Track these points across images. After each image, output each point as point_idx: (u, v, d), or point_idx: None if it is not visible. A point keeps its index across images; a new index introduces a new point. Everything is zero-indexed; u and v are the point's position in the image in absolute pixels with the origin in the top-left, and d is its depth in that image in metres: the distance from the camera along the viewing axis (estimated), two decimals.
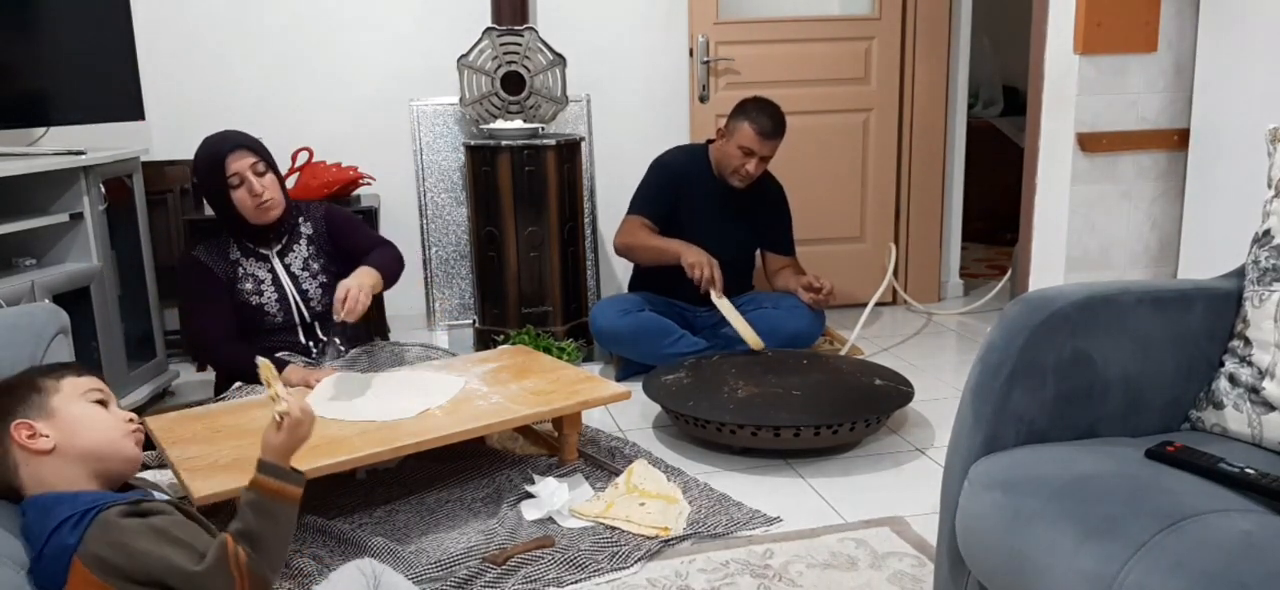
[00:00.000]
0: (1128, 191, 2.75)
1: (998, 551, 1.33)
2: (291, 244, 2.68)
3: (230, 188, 2.53)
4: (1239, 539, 1.11)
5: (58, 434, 1.36)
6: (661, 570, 1.98)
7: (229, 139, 2.56)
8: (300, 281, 2.67)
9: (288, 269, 2.66)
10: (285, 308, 2.64)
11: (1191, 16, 2.64)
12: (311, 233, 2.72)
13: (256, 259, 2.64)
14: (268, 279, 2.64)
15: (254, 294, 2.62)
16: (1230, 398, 1.47)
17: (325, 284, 2.69)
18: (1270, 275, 1.47)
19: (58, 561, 1.26)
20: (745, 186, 3.22)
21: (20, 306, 2.33)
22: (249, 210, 2.56)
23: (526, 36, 3.45)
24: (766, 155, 3.17)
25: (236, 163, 2.53)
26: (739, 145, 3.13)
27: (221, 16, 3.55)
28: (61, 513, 1.28)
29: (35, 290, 2.64)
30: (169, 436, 2.15)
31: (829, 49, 3.88)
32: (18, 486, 1.35)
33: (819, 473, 2.45)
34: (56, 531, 1.26)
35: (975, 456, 1.44)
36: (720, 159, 3.22)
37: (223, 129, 2.64)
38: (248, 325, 2.63)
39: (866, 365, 2.97)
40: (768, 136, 3.12)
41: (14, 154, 2.81)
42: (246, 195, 2.54)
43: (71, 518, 1.27)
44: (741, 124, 3.13)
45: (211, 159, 2.54)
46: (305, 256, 2.69)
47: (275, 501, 1.38)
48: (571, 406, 2.39)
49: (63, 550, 1.25)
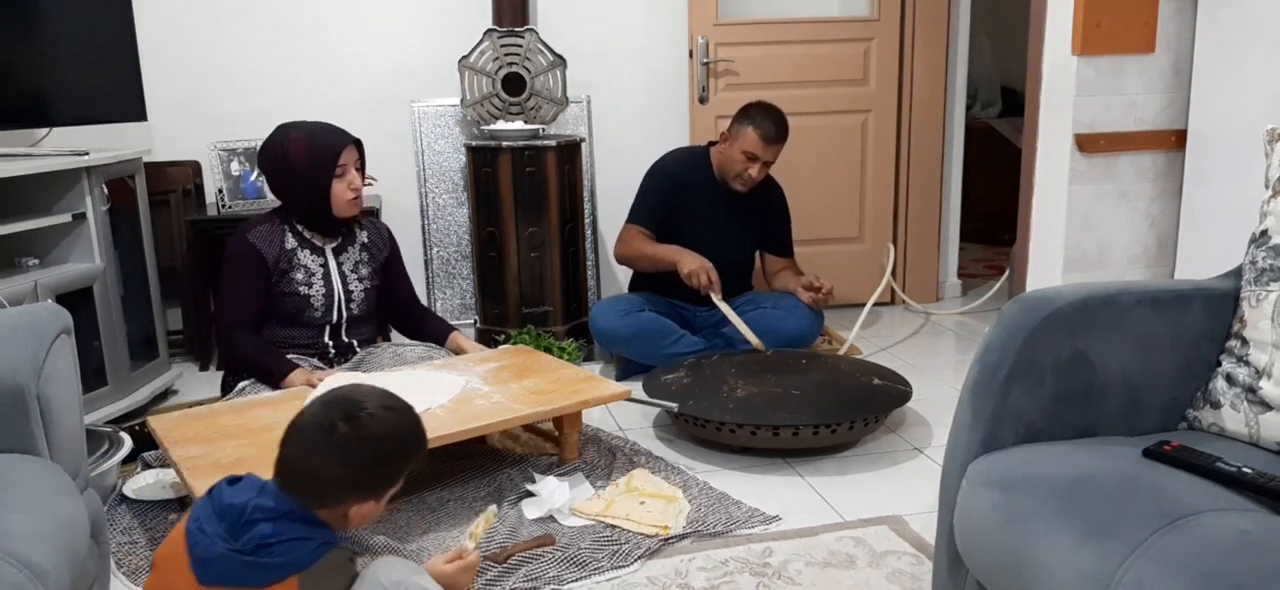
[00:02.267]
0: (1125, 192, 2.76)
1: (996, 550, 1.34)
2: (347, 245, 2.71)
3: (335, 175, 2.58)
4: (1236, 538, 1.12)
5: (361, 519, 1.43)
6: (661, 568, 1.99)
7: (338, 133, 2.62)
8: (348, 281, 2.69)
9: (340, 267, 2.69)
10: (329, 304, 2.66)
11: (1189, 17, 2.65)
12: (367, 241, 2.76)
13: (313, 251, 2.65)
14: (319, 273, 2.65)
15: (304, 284, 2.62)
16: (1227, 397, 1.48)
17: (367, 291, 2.73)
18: (1267, 275, 1.47)
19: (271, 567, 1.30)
20: (747, 190, 3.22)
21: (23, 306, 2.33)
22: (341, 201, 2.60)
23: (527, 38, 3.46)
24: (769, 160, 3.17)
25: (349, 155, 2.60)
26: (743, 150, 3.14)
27: (223, 17, 3.55)
28: (309, 532, 1.34)
29: (38, 290, 2.65)
30: (172, 436, 2.15)
31: (828, 50, 3.89)
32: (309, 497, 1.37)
33: (818, 472, 2.46)
34: (297, 543, 1.32)
35: (973, 456, 1.45)
36: (723, 162, 3.23)
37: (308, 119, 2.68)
38: (288, 313, 2.63)
39: (865, 365, 2.98)
40: (772, 142, 3.13)
41: (17, 154, 2.81)
42: (346, 187, 2.60)
43: (314, 540, 1.33)
44: (746, 129, 3.13)
45: (328, 146, 2.57)
46: (357, 260, 2.72)
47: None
48: (572, 406, 2.40)
49: (289, 564, 1.31)
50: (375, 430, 1.36)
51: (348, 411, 1.36)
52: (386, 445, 1.38)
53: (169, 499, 2.32)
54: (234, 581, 1.29)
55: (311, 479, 1.36)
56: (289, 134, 2.59)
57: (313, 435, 1.36)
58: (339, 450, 1.35)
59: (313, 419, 1.37)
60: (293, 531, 1.31)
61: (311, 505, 1.36)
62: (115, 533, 2.17)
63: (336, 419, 1.35)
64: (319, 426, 1.36)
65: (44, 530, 1.37)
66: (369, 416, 1.37)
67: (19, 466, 1.49)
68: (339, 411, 1.36)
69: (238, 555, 1.30)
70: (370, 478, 1.39)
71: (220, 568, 1.30)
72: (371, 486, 1.39)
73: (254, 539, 1.30)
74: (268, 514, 1.32)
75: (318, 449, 1.35)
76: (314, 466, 1.35)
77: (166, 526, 2.19)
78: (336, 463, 1.35)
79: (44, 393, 1.55)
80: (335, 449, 1.35)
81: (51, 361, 1.59)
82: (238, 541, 1.30)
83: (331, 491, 1.37)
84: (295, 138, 2.59)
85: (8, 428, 1.53)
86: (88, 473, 1.71)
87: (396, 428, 1.40)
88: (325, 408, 1.37)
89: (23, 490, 1.43)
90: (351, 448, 1.35)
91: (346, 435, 1.35)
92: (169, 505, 2.30)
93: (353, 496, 1.38)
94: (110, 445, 2.40)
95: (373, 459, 1.38)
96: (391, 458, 1.40)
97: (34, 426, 1.54)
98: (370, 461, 1.38)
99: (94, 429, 2.44)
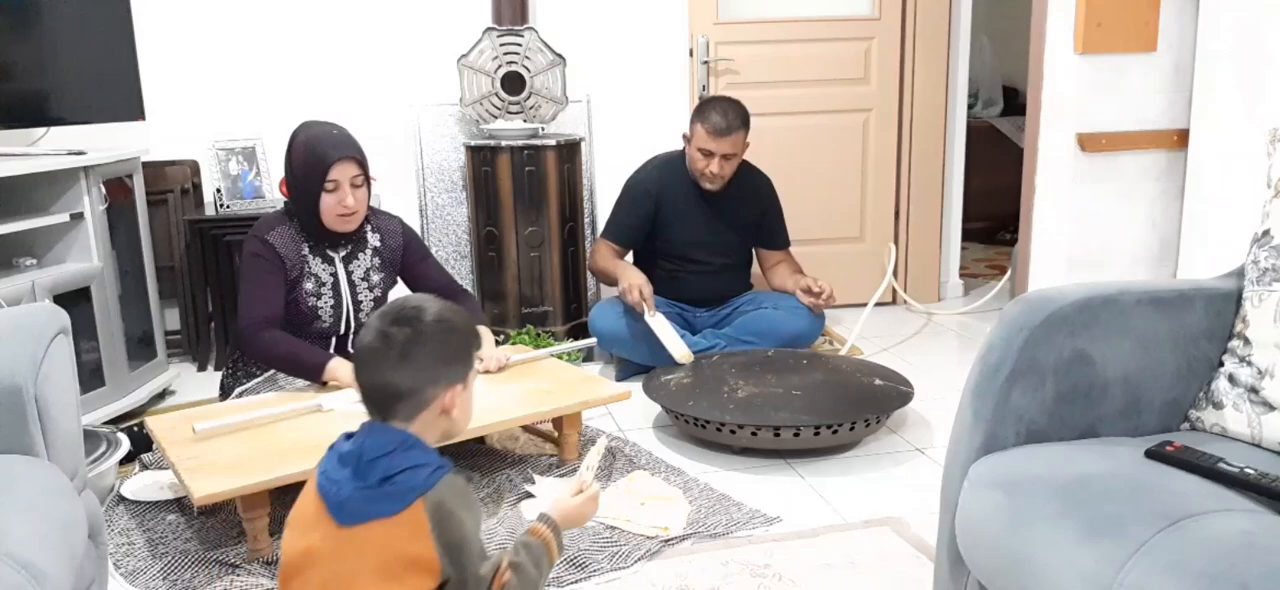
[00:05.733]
0: (1127, 191, 2.75)
1: (997, 551, 1.33)
2: (357, 252, 2.61)
3: (324, 191, 2.47)
4: (1238, 538, 1.11)
5: (460, 407, 1.47)
6: (661, 570, 1.98)
7: (337, 144, 2.48)
8: (357, 290, 2.61)
9: (349, 276, 2.61)
10: (338, 315, 2.59)
11: (1191, 17, 2.65)
12: (379, 245, 2.66)
13: (323, 259, 2.57)
14: (329, 283, 2.57)
15: (313, 294, 2.55)
16: (1230, 398, 1.48)
17: (377, 299, 2.65)
18: (1270, 275, 1.47)
19: (396, 494, 1.36)
20: (717, 187, 3.19)
21: (20, 306, 2.33)
22: (331, 217, 2.50)
23: (526, 37, 3.45)
24: (727, 153, 3.12)
25: (340, 171, 2.45)
26: (697, 147, 3.13)
27: (222, 16, 3.55)
28: (421, 459, 1.39)
29: (35, 290, 2.64)
30: (170, 437, 2.15)
31: (829, 49, 3.89)
32: (397, 416, 1.42)
33: (819, 473, 2.46)
34: (413, 470, 1.37)
35: (975, 456, 1.44)
36: (690, 164, 3.22)
37: (326, 120, 2.57)
38: (293, 324, 2.55)
39: (866, 365, 2.98)
40: (721, 134, 3.09)
41: (15, 154, 2.81)
42: (336, 204, 2.47)
43: (428, 466, 1.38)
44: (696, 126, 3.13)
45: (316, 159, 2.46)
46: (368, 267, 2.63)
47: (544, 551, 1.50)
48: (571, 406, 2.39)
49: (411, 489, 1.36)
50: (428, 322, 1.43)
51: (397, 318, 1.43)
52: (444, 332, 1.45)
53: (166, 499, 2.31)
54: (369, 516, 1.36)
55: (394, 392, 1.42)
56: (298, 134, 2.52)
57: (376, 353, 1.42)
58: (403, 354, 1.41)
59: (370, 341, 1.43)
60: (408, 460, 1.38)
61: (408, 415, 1.43)
62: (113, 533, 2.16)
63: (389, 328, 1.42)
64: (379, 341, 1.42)
65: (42, 531, 1.36)
66: (417, 313, 1.44)
67: (17, 467, 1.49)
68: (389, 321, 1.43)
69: (367, 491, 1.37)
70: (443, 366, 1.44)
71: (355, 506, 1.37)
72: (449, 373, 1.45)
73: (377, 473, 1.37)
74: (382, 449, 1.39)
75: (386, 363, 1.41)
76: (390, 380, 1.41)
77: (164, 527, 2.19)
78: (408, 367, 1.41)
79: (41, 393, 1.55)
80: (400, 355, 1.41)
81: (49, 362, 1.58)
82: (364, 481, 1.38)
83: (415, 395, 1.42)
84: (300, 140, 2.51)
85: (5, 428, 1.52)
86: (85, 473, 1.71)
87: (446, 313, 1.47)
88: (376, 326, 1.44)
89: (20, 491, 1.43)
90: (413, 346, 1.41)
91: (407, 337, 1.41)
92: (166, 506, 2.29)
93: (438, 390, 1.44)
94: (108, 446, 2.40)
95: (438, 348, 1.44)
96: (454, 339, 1.46)
97: (31, 427, 1.54)
98: (437, 351, 1.44)
99: (92, 429, 2.43)
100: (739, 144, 3.14)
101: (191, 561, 2.03)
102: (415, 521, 1.35)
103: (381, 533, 1.35)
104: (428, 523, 1.35)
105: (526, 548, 1.48)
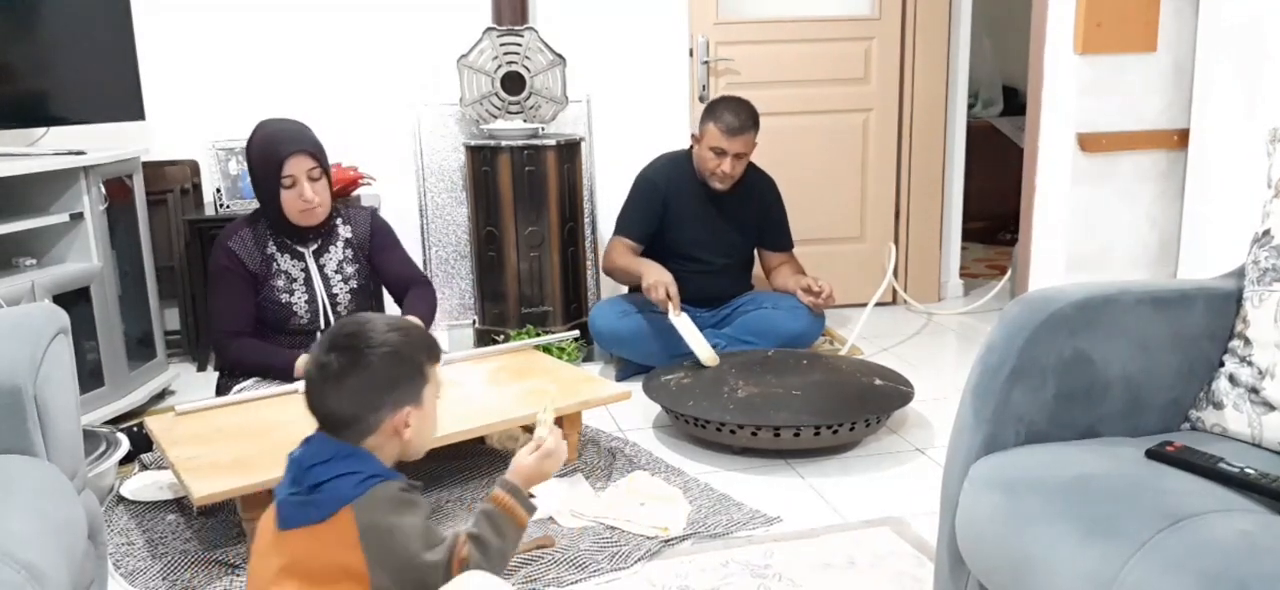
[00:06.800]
0: (1127, 191, 2.75)
1: (998, 551, 1.33)
2: (328, 245, 2.62)
3: (281, 186, 2.48)
4: (1239, 539, 1.11)
5: (415, 429, 1.45)
6: (661, 570, 1.98)
7: (290, 139, 2.48)
8: (331, 283, 2.61)
9: (321, 270, 2.61)
10: (313, 310, 2.59)
11: (1191, 16, 2.64)
12: (350, 236, 2.66)
13: (292, 256, 2.58)
14: (300, 278, 2.58)
15: (284, 291, 2.56)
16: (1230, 398, 1.47)
17: (354, 290, 2.65)
18: (1270, 275, 1.47)
19: (322, 503, 1.37)
20: (726, 187, 3.19)
21: (20, 307, 2.33)
22: (293, 212, 2.51)
23: (526, 36, 3.45)
24: (739, 152, 3.13)
25: (294, 165, 2.46)
26: (709, 147, 3.13)
27: (222, 16, 3.55)
28: (354, 467, 1.39)
29: (35, 290, 2.64)
30: (169, 437, 2.15)
31: (829, 49, 3.89)
32: (349, 434, 1.42)
33: (819, 473, 2.46)
34: (341, 478, 1.38)
35: (975, 456, 1.44)
36: (698, 164, 3.21)
37: (281, 117, 2.56)
38: (271, 323, 2.58)
39: (866, 365, 2.97)
40: (734, 133, 3.09)
41: (14, 154, 2.81)
42: (296, 198, 2.48)
43: (359, 475, 1.38)
44: (707, 125, 3.13)
45: (269, 155, 2.47)
46: (340, 260, 2.64)
47: (507, 517, 1.47)
48: (572, 406, 2.39)
49: (336, 499, 1.36)
50: (368, 350, 1.41)
51: (335, 345, 1.41)
52: (386, 358, 1.42)
53: (166, 499, 2.31)
54: (299, 522, 1.38)
55: (336, 418, 1.42)
56: (254, 133, 2.52)
57: (314, 382, 1.42)
58: (339, 384, 1.40)
59: (309, 368, 1.43)
60: (340, 469, 1.39)
61: (356, 439, 1.42)
62: (112, 533, 2.16)
63: (325, 356, 1.41)
64: (316, 369, 1.42)
65: (41, 531, 1.36)
66: (356, 339, 1.41)
67: (16, 467, 1.49)
68: (327, 348, 1.42)
69: (298, 497, 1.39)
70: (387, 391, 1.42)
71: (288, 511, 1.39)
72: (394, 397, 1.43)
73: (308, 481, 1.39)
74: (318, 458, 1.40)
75: (328, 391, 1.41)
76: (330, 409, 1.41)
77: (164, 527, 2.19)
78: (346, 396, 1.40)
79: (41, 393, 1.55)
80: (336, 384, 1.40)
81: (48, 362, 1.58)
82: (298, 487, 1.40)
83: (359, 422, 1.42)
84: (256, 139, 2.52)
85: (5, 428, 1.52)
86: (85, 473, 1.71)
87: (391, 338, 1.43)
88: (315, 353, 1.43)
89: (20, 491, 1.43)
90: (349, 375, 1.40)
91: (342, 366, 1.40)
92: (166, 506, 2.29)
93: (383, 414, 1.42)
94: (107, 446, 2.40)
95: (379, 375, 1.42)
96: (397, 366, 1.43)
97: (31, 427, 1.54)
98: (379, 378, 1.42)
99: (91, 429, 2.43)
100: (750, 144, 3.15)
101: (191, 561, 2.04)
102: (341, 529, 1.36)
103: (308, 538, 1.37)
104: (356, 532, 1.35)
105: (486, 516, 1.46)
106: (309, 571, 1.36)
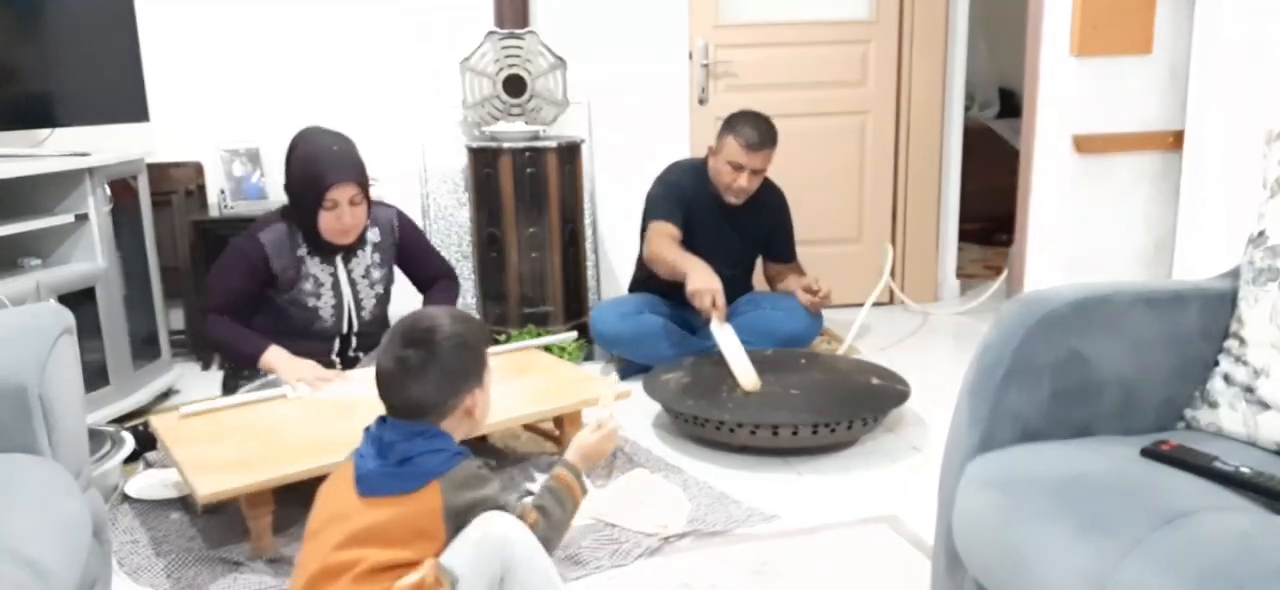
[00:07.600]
0: (1123, 192, 2.77)
1: (994, 549, 1.34)
2: (357, 248, 2.61)
3: (322, 208, 2.46)
4: (1234, 537, 1.12)
5: (481, 408, 1.62)
6: (661, 567, 1.99)
7: (337, 166, 2.45)
8: (358, 288, 2.62)
9: (350, 275, 2.61)
10: (339, 315, 2.60)
11: (1186, 19, 2.66)
12: (378, 239, 2.66)
13: (322, 260, 2.57)
14: (329, 283, 2.58)
15: (312, 295, 2.55)
16: (1225, 397, 1.48)
17: (379, 296, 2.65)
18: (1265, 275, 1.48)
19: (412, 475, 1.50)
20: (741, 202, 3.18)
21: (25, 307, 2.34)
22: (330, 233, 2.50)
23: (528, 39, 3.47)
24: (757, 168, 3.13)
25: (338, 192, 2.45)
26: (728, 160, 3.12)
27: (226, 19, 3.56)
28: (441, 445, 1.54)
29: (40, 290, 2.65)
30: (175, 436, 2.16)
31: (827, 52, 3.90)
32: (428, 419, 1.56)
33: (817, 471, 2.47)
34: (430, 454, 1.52)
35: (971, 455, 1.45)
36: (714, 175, 3.21)
37: (325, 128, 2.53)
38: (296, 325, 2.57)
39: (864, 365, 2.99)
40: (754, 148, 3.09)
41: (20, 155, 2.82)
42: (334, 221, 2.47)
43: (446, 452, 1.54)
44: (727, 138, 3.11)
45: (314, 177, 2.45)
46: (368, 265, 2.63)
47: (567, 493, 1.66)
48: (572, 406, 2.41)
49: (428, 471, 1.50)
50: (440, 340, 1.54)
51: (410, 340, 1.55)
52: (457, 347, 1.56)
53: (170, 498, 2.33)
54: (388, 491, 1.50)
55: (417, 406, 1.54)
56: (296, 145, 2.51)
57: (395, 376, 1.54)
58: (420, 375, 1.53)
59: (388, 366, 1.55)
60: (427, 446, 1.52)
61: (434, 422, 1.56)
62: (117, 532, 2.17)
63: (403, 351, 1.54)
64: (396, 365, 1.54)
65: (46, 529, 1.37)
66: (429, 333, 1.55)
67: (21, 466, 1.50)
68: (403, 344, 1.55)
69: (387, 469, 1.51)
70: (460, 377, 1.57)
71: (374, 481, 1.51)
72: (466, 382, 1.58)
73: (396, 455, 1.52)
74: (403, 436, 1.53)
75: (410, 382, 1.53)
76: (411, 397, 1.54)
77: (168, 525, 2.20)
78: (427, 385, 1.54)
79: (46, 392, 1.56)
80: (420, 376, 1.53)
81: (54, 361, 1.59)
82: (385, 460, 1.52)
83: (439, 407, 1.56)
84: (299, 152, 2.50)
85: (10, 427, 1.53)
86: (90, 472, 1.72)
87: (458, 329, 1.58)
88: (391, 350, 1.56)
89: (25, 490, 1.44)
90: (428, 367, 1.53)
91: (422, 359, 1.53)
92: (170, 504, 2.31)
93: (459, 398, 1.57)
94: (112, 445, 2.41)
95: (452, 363, 1.56)
96: (466, 353, 1.58)
97: (36, 426, 1.55)
98: (452, 366, 1.55)
99: (96, 428, 2.45)
100: (768, 160, 3.14)
101: (195, 559, 2.05)
102: (428, 499, 1.49)
103: (394, 506, 1.49)
104: (441, 501, 1.49)
105: (551, 492, 1.64)
106: (388, 537, 1.48)
